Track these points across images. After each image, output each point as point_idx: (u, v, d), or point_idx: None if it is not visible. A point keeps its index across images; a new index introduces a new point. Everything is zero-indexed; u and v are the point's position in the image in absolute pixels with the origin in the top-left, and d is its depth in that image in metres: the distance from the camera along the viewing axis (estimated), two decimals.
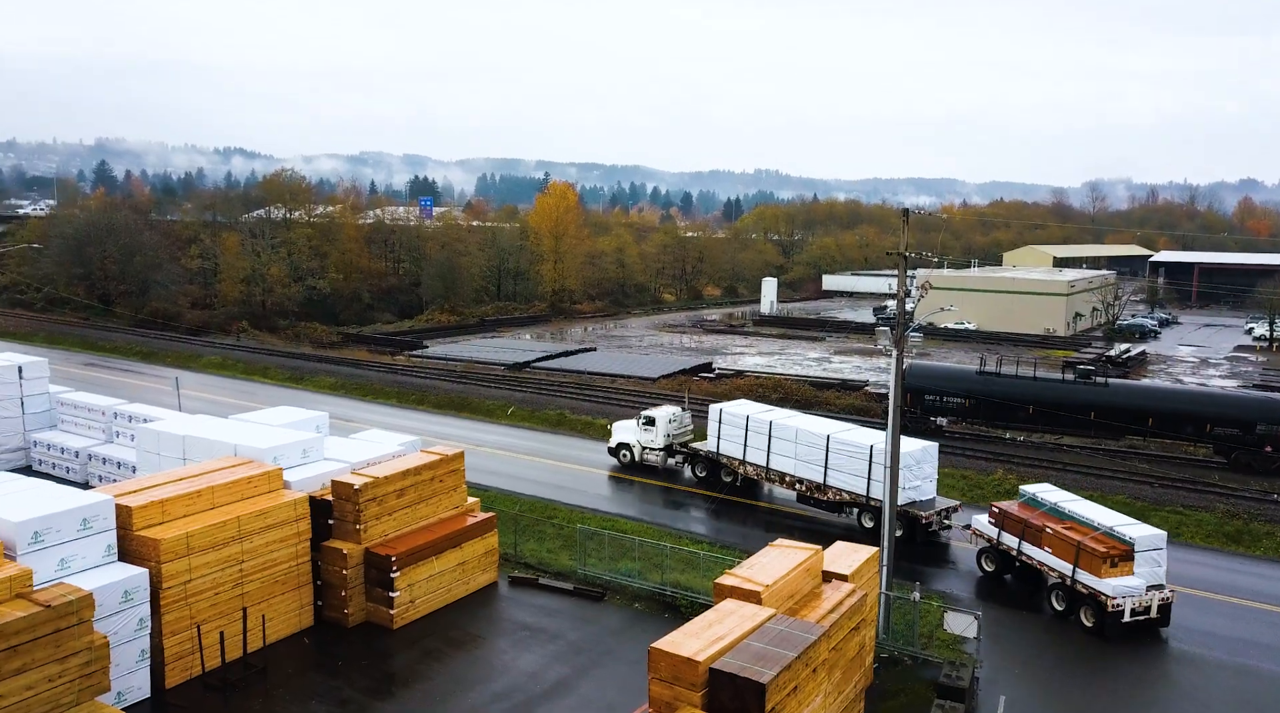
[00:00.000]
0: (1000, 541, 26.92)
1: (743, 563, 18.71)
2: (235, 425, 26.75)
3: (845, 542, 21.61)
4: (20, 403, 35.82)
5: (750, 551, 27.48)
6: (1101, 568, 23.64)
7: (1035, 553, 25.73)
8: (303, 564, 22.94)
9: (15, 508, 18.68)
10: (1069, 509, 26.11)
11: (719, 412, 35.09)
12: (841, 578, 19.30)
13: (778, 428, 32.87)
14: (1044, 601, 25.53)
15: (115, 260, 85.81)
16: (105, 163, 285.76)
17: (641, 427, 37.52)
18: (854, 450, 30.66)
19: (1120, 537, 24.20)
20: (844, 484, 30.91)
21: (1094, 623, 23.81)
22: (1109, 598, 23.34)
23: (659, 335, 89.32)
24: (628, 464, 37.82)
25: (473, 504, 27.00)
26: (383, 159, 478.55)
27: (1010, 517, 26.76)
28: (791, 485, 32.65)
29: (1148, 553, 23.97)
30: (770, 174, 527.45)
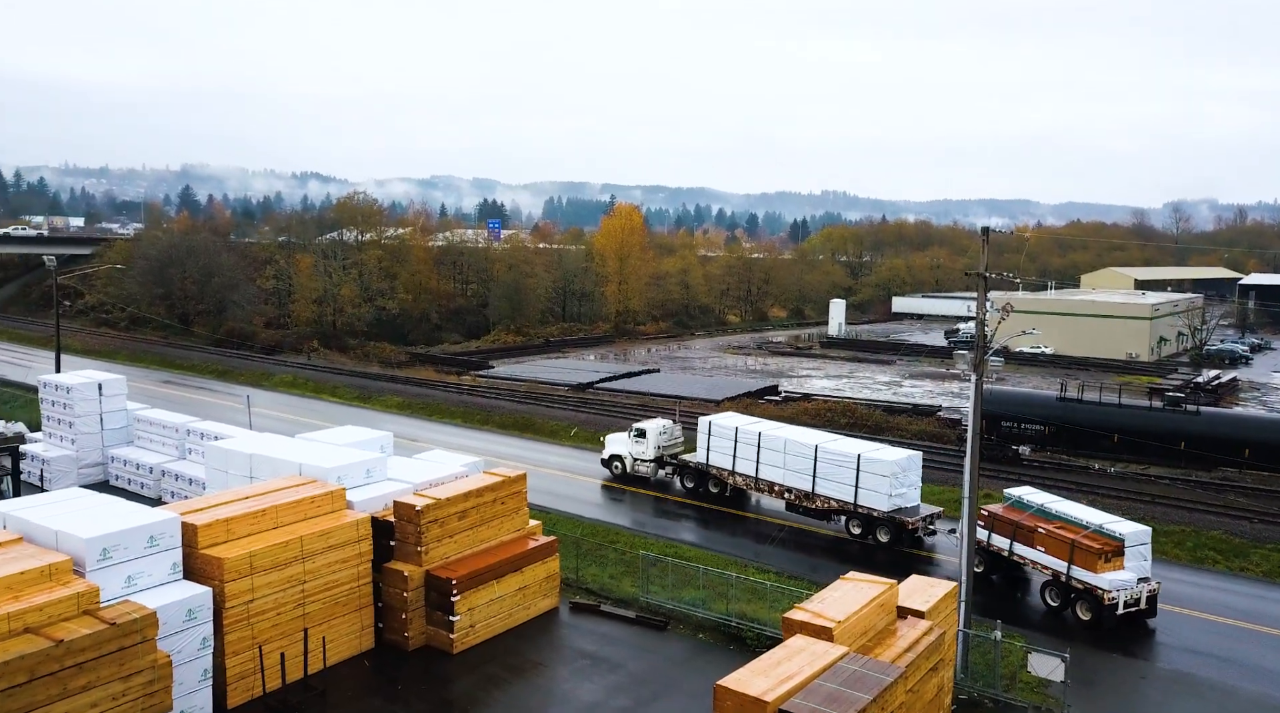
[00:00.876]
0: (990, 542, 27.72)
1: (813, 597, 17.87)
2: (301, 445, 26.87)
3: (920, 576, 20.56)
4: (99, 419, 36.75)
5: (817, 583, 26.57)
6: (1097, 564, 24.82)
7: (1028, 553, 26.71)
8: (364, 586, 22.76)
9: (85, 525, 18.85)
10: (1055, 510, 27.12)
11: (708, 424, 35.93)
12: (917, 614, 18.30)
13: (766, 439, 33.83)
14: (1039, 596, 26.48)
15: (194, 281, 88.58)
16: (189, 187, 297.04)
17: (633, 439, 38.46)
18: (842, 460, 31.71)
19: (1110, 534, 25.52)
20: (833, 493, 31.86)
21: (1090, 616, 24.96)
22: (1105, 592, 24.51)
23: (723, 357, 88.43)
24: (619, 475, 38.83)
25: (534, 527, 26.60)
26: (453, 183, 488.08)
27: (1000, 519, 27.68)
28: (780, 495, 33.53)
29: (1136, 548, 25.43)
30: (838, 195, 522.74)
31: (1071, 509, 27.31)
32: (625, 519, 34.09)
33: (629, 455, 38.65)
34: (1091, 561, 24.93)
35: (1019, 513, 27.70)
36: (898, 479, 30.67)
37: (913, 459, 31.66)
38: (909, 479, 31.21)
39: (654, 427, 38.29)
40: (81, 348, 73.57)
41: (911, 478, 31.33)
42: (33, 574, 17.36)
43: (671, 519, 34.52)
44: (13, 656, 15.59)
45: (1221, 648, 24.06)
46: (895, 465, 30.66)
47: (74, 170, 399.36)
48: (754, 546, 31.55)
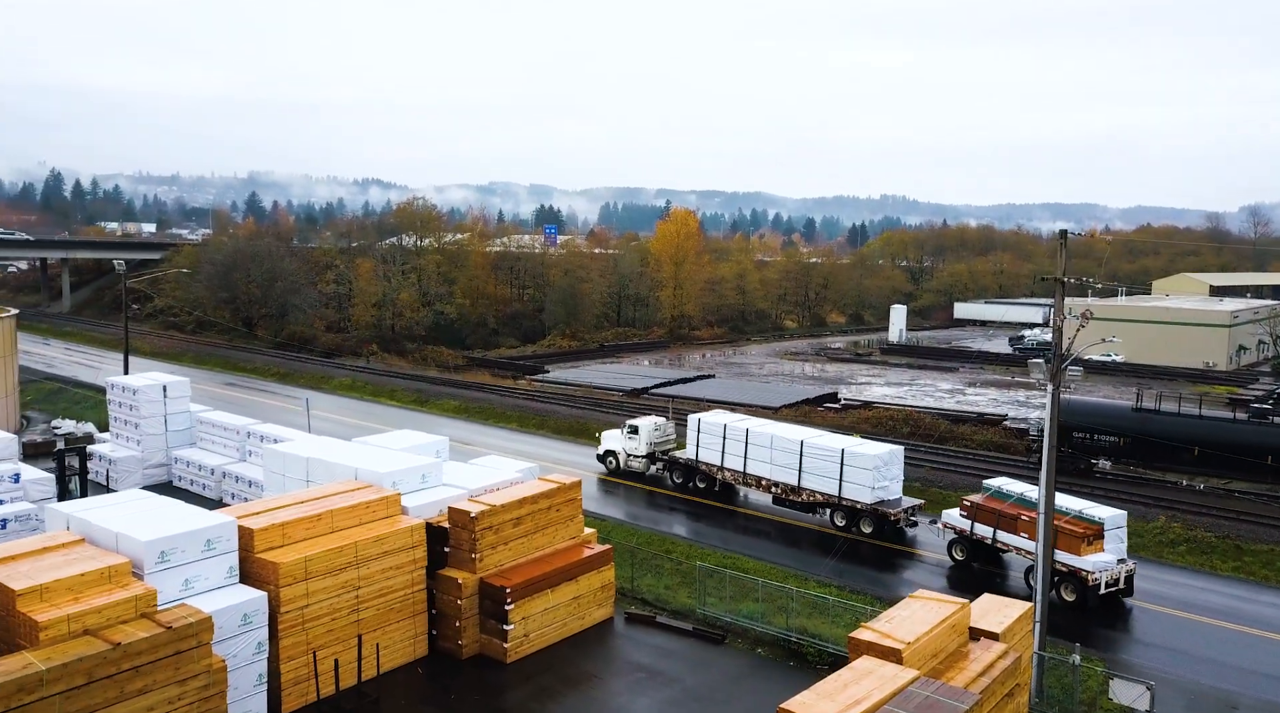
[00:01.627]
0: (973, 532, 28.96)
1: (880, 615, 17.05)
2: (357, 449, 26.82)
3: (992, 595, 19.56)
4: (164, 421, 37.33)
5: (881, 598, 25.64)
6: (1080, 547, 26.17)
7: (1011, 539, 27.88)
8: (418, 592, 22.53)
9: (144, 527, 18.90)
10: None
11: (697, 421, 37.26)
12: (991, 637, 17.36)
13: (754, 435, 35.14)
14: (1019, 582, 27.90)
15: (258, 285, 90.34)
16: (256, 194, 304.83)
17: (626, 435, 39.59)
18: (826, 454, 32.90)
19: (1090, 518, 26.86)
20: (817, 486, 33.10)
21: (1075, 597, 26.23)
22: (1089, 573, 25.84)
23: (780, 363, 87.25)
24: (613, 470, 39.96)
25: (589, 535, 26.15)
26: (510, 189, 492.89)
27: (982, 509, 28.81)
28: (767, 489, 34.74)
29: (1114, 531, 26.87)
30: (897, 199, 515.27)
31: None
32: (619, 513, 34.98)
33: (623, 451, 39.71)
34: (1075, 544, 26.25)
35: (1000, 503, 28.74)
36: (880, 472, 31.90)
37: (894, 453, 32.82)
38: (891, 473, 32.39)
39: (647, 424, 39.38)
40: (150, 350, 75.43)
41: (893, 471, 32.52)
42: (93, 576, 17.41)
43: (663, 512, 35.44)
44: (72, 658, 15.59)
45: None
46: (878, 459, 31.94)
47: (147, 178, 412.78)
48: (742, 538, 32.57)
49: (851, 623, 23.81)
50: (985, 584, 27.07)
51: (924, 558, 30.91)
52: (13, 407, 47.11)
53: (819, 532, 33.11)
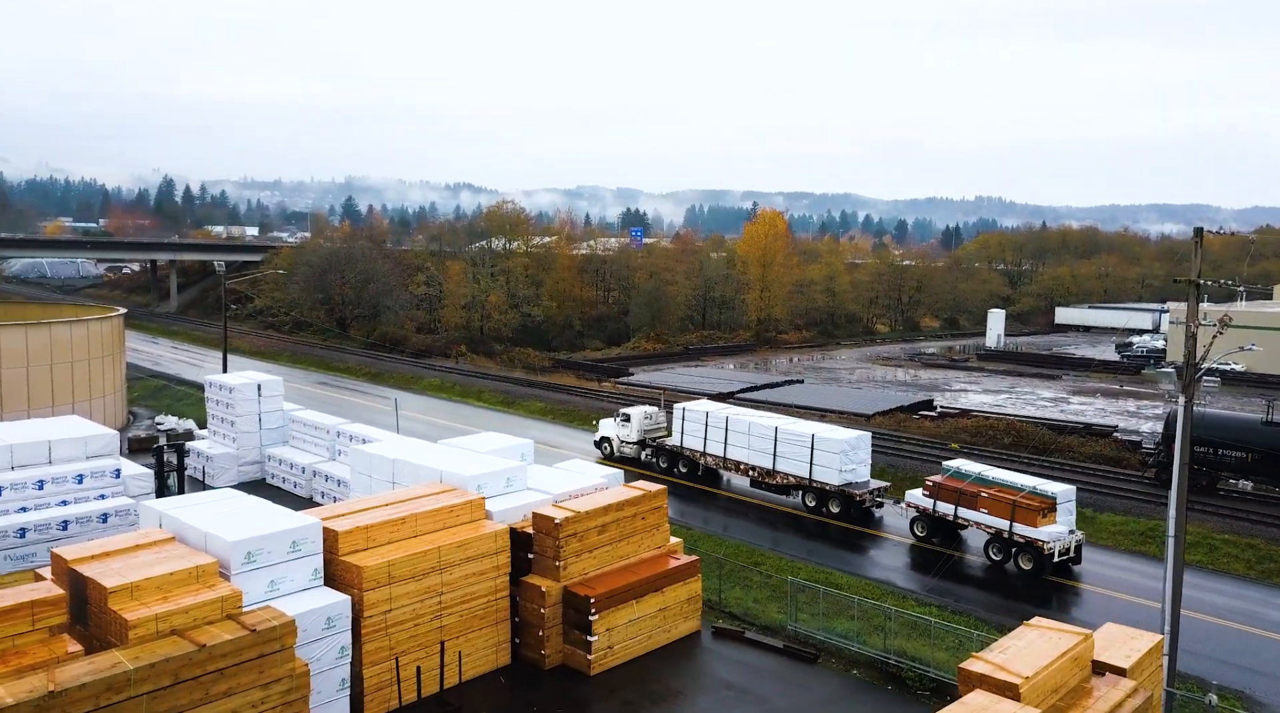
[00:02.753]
0: (935, 509, 30.86)
1: (993, 645, 15.70)
2: (443, 451, 26.58)
3: (1117, 624, 17.93)
4: (258, 419, 38.04)
5: (986, 621, 24.07)
6: (1036, 519, 28.35)
7: (972, 515, 29.83)
8: (501, 599, 22.06)
9: (232, 527, 18.87)
10: (991, 477, 30.48)
11: (682, 410, 39.37)
12: (1118, 672, 15.83)
13: (733, 422, 37.19)
14: (980, 554, 29.95)
15: (352, 287, 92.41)
16: (352, 198, 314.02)
17: (620, 423, 41.70)
18: (798, 440, 34.85)
19: (1044, 493, 28.96)
20: (790, 469, 35.05)
21: (1031, 566, 28.50)
22: (1045, 543, 28.00)
23: (871, 368, 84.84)
24: (607, 455, 42.02)
25: (675, 545, 25.32)
26: (597, 193, 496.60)
27: (944, 488, 30.76)
28: (745, 472, 36.75)
29: (1065, 504, 29.03)
30: (992, 201, 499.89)
31: (1004, 475, 30.72)
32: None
33: (616, 438, 41.75)
34: (1031, 517, 28.45)
35: (960, 482, 30.72)
36: (847, 456, 33.87)
37: (862, 439, 34.88)
38: (858, 456, 34.33)
39: (638, 413, 41.61)
40: (249, 349, 77.84)
41: (861, 455, 34.46)
42: (181, 575, 17.40)
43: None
44: (159, 658, 15.53)
45: None
46: (845, 444, 33.93)
47: (251, 184, 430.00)
48: (724, 519, 34.39)
49: (954, 646, 22.43)
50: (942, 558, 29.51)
51: (890, 539, 32.59)
52: (120, 403, 48.90)
53: (793, 514, 34.99)
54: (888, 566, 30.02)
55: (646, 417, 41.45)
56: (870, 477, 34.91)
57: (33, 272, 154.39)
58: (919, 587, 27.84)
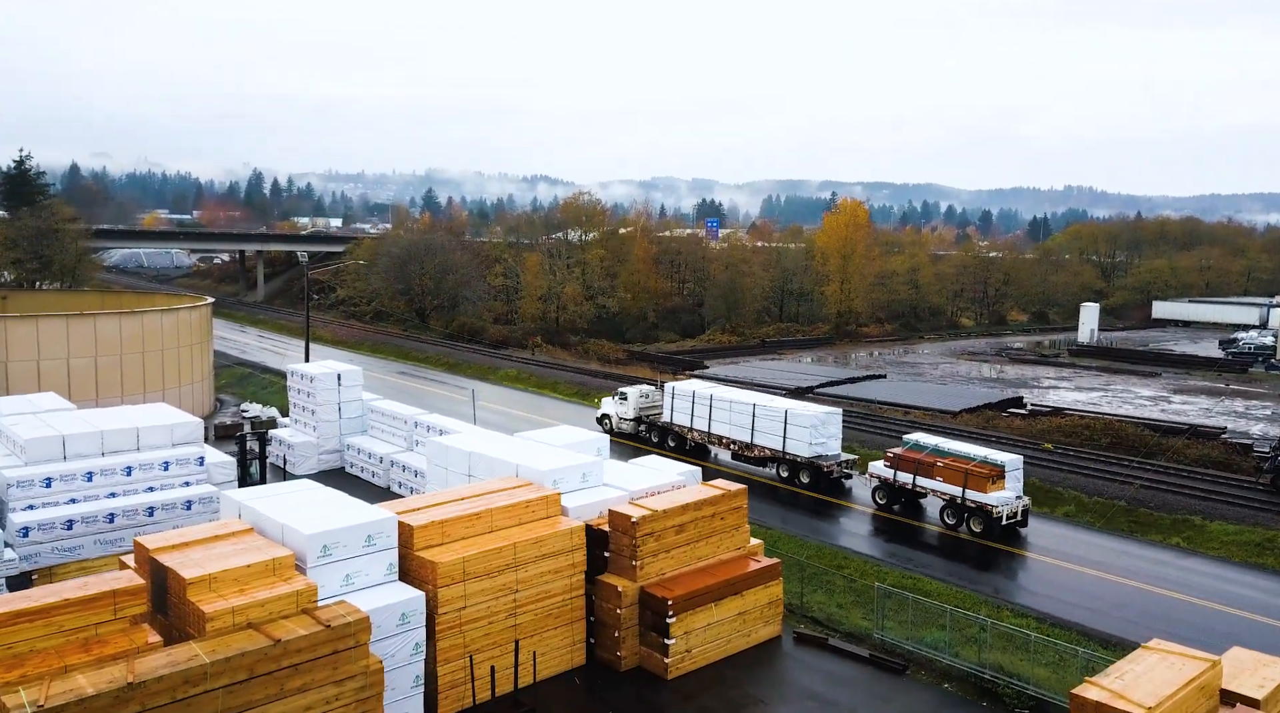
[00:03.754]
0: (896, 479, 32.99)
1: (1109, 669, 14.46)
2: (518, 444, 26.19)
3: (1244, 649, 16.43)
4: (338, 408, 38.40)
5: (1088, 634, 22.60)
6: (986, 486, 30.40)
7: (929, 483, 31.99)
8: (576, 598, 21.53)
9: (308, 520, 18.72)
10: (947, 448, 32.58)
11: (672, 389, 42.02)
12: (1250, 703, 14.43)
13: (717, 400, 39.75)
14: (936, 519, 32.10)
15: (431, 278, 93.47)
16: (432, 190, 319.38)
17: (618, 401, 44.40)
18: (773, 415, 37.28)
19: (994, 462, 30.96)
20: (766, 443, 37.52)
21: (981, 529, 30.55)
22: (994, 507, 30.06)
23: (955, 363, 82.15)
24: (608, 430, 44.10)
25: (755, 546, 24.44)
26: (672, 184, 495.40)
27: (903, 459, 32.87)
28: (728, 446, 39.27)
29: (1013, 472, 31.08)
30: (1083, 191, 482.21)
31: (958, 446, 32.83)
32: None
33: (615, 415, 44.47)
34: (982, 484, 30.50)
35: (918, 453, 32.87)
36: (817, 430, 36.03)
37: (831, 415, 37.06)
38: (828, 431, 36.45)
39: (634, 392, 44.33)
40: (331, 338, 79.38)
41: (831, 430, 36.57)
42: (258, 568, 17.28)
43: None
44: (234, 652, 15.37)
45: None
46: (815, 419, 36.13)
47: (335, 176, 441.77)
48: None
49: (1054, 662, 21.10)
50: (905, 528, 32.19)
51: (856, 509, 34.57)
52: (208, 390, 50.14)
53: (769, 484, 37.13)
54: (853, 532, 31.92)
55: (642, 396, 44.27)
56: (841, 451, 37.19)
57: (131, 262, 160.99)
58: (881, 553, 29.73)
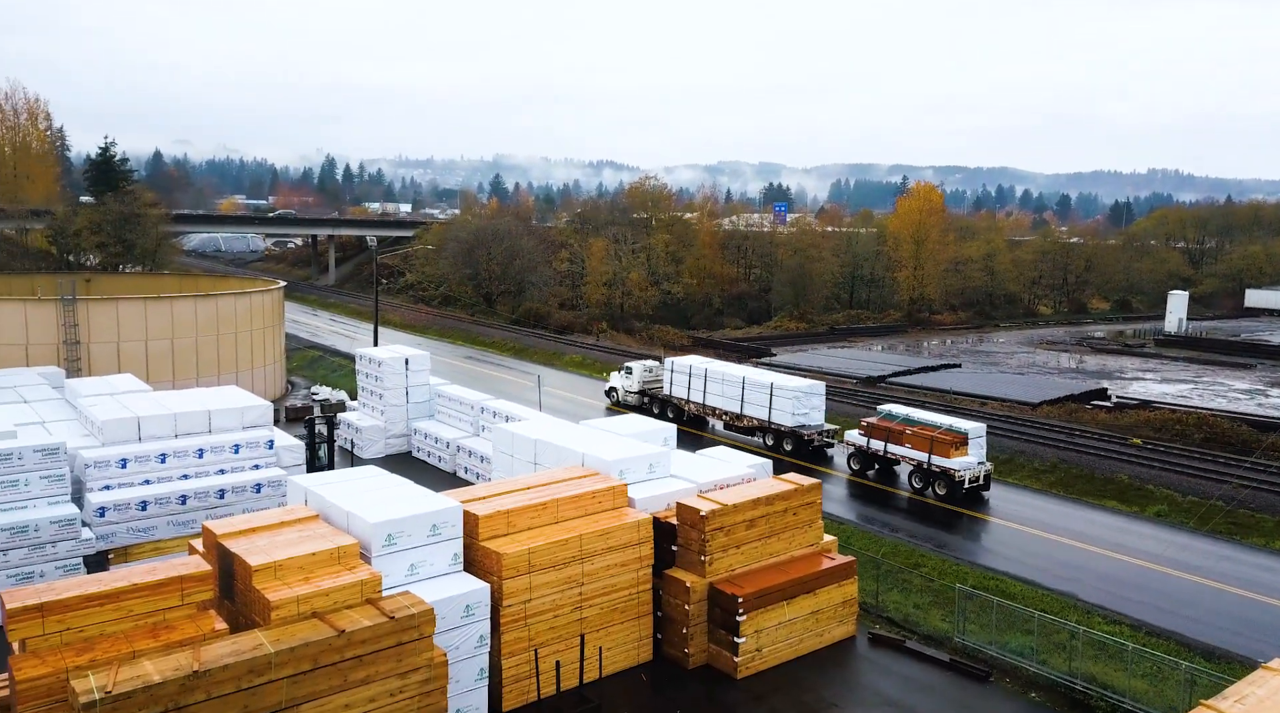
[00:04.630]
0: (869, 446, 35.37)
1: (1227, 692, 13.26)
2: (585, 432, 25.67)
3: None
4: (405, 393, 38.44)
5: (1190, 645, 21.18)
6: (950, 452, 32.48)
7: (898, 450, 34.21)
8: (643, 592, 20.93)
9: (374, 507, 18.44)
10: (916, 417, 35.03)
11: (671, 363, 45.00)
12: None
13: (711, 374, 42.33)
14: (906, 483, 34.45)
15: (498, 263, 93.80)
16: (499, 176, 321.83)
17: (624, 375, 47.48)
18: (760, 387, 39.72)
19: (958, 430, 33.05)
20: (754, 413, 39.97)
21: (945, 492, 32.50)
22: (957, 472, 32.02)
23: (1033, 353, 79.37)
24: (615, 402, 47.83)
25: (829, 543, 23.51)
26: (738, 168, 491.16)
27: (876, 428, 35.33)
28: (720, 416, 41.85)
29: (976, 440, 33.00)
30: (1167, 174, 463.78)
31: (927, 416, 35.21)
32: None
33: (621, 387, 47.54)
34: (946, 450, 32.66)
35: (890, 422, 35.26)
36: (800, 401, 38.34)
37: (815, 386, 39.38)
38: (812, 402, 38.73)
39: (639, 366, 47.17)
40: (399, 322, 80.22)
41: (814, 401, 38.87)
42: (323, 556, 17.05)
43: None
44: (298, 642, 15.13)
45: None
46: (798, 391, 38.49)
47: (405, 162, 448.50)
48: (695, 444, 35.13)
49: (1152, 673, 19.81)
50: (879, 492, 34.00)
51: (835, 475, 36.59)
52: (280, 373, 50.88)
53: (756, 452, 35.43)
54: (830, 496, 32.67)
55: (646, 370, 47.11)
56: (825, 422, 39.38)
57: (209, 246, 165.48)
58: (855, 516, 31.41)
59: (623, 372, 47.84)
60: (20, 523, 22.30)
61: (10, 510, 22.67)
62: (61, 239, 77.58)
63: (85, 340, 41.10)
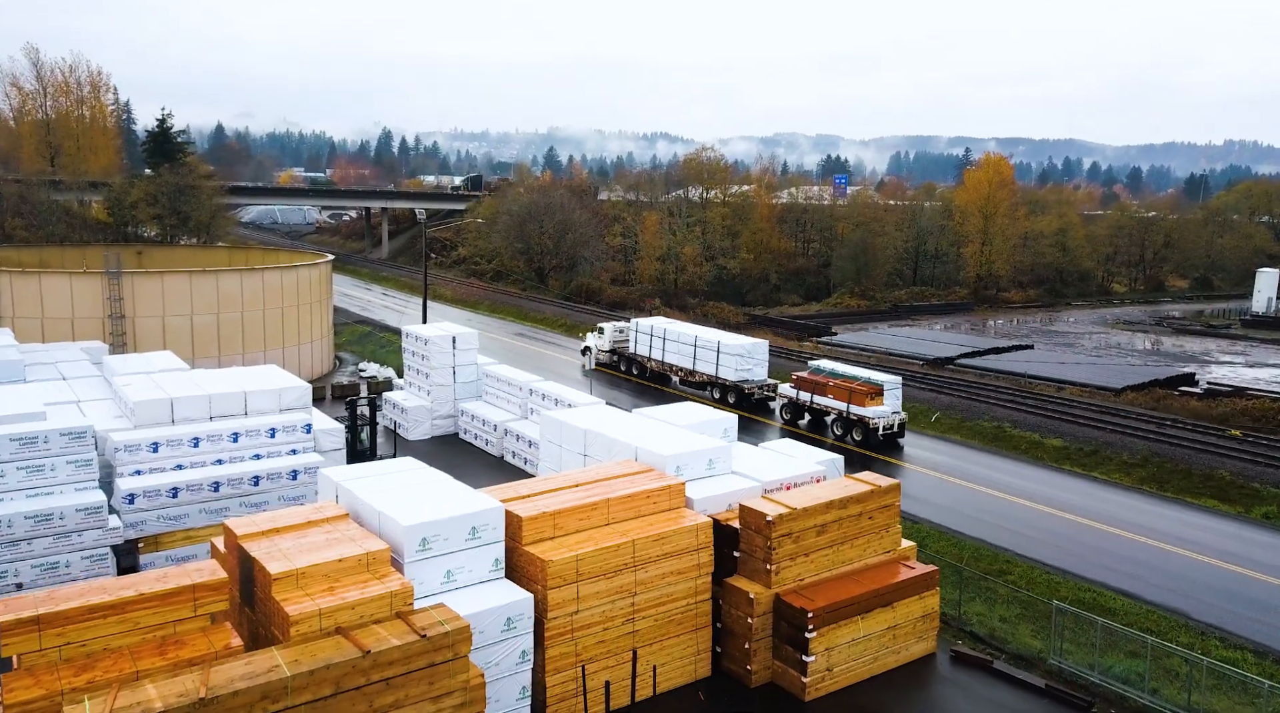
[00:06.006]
0: (799, 398, 38.57)
1: None
2: (638, 422, 23.72)
3: None
4: (452, 372, 36.93)
5: None
6: (866, 401, 35.76)
7: (823, 401, 37.30)
8: (702, 603, 19.03)
9: (407, 507, 16.77)
10: (841, 371, 38.58)
11: (635, 325, 48.61)
12: None
13: (669, 334, 45.91)
14: (829, 430, 37.55)
15: (550, 237, 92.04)
16: (553, 149, 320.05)
17: (597, 336, 50.73)
18: (709, 346, 43.26)
19: (875, 382, 36.53)
20: (704, 369, 43.52)
21: (861, 437, 35.76)
22: (870, 419, 35.42)
23: (1109, 333, 75.36)
24: (590, 361, 50.75)
25: (908, 550, 21.32)
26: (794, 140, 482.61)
27: (805, 381, 38.50)
28: (676, 373, 45.68)
29: (892, 391, 36.45)
30: (1245, 146, 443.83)
31: (851, 371, 38.74)
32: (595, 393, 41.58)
33: (595, 347, 50.56)
34: (862, 400, 35.77)
35: (818, 376, 38.70)
36: (743, 359, 41.83)
37: (757, 345, 42.87)
38: (754, 359, 42.18)
39: (610, 327, 50.71)
40: (451, 297, 79.09)
41: (757, 358, 42.30)
42: (351, 563, 15.43)
43: (611, 388, 45.57)
44: (319, 664, 13.51)
45: None
46: (742, 348, 42.08)
47: (460, 135, 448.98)
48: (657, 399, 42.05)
49: None
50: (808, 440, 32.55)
51: (771, 425, 39.76)
52: (327, 349, 49.88)
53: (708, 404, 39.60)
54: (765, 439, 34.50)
55: (617, 331, 50.52)
56: (767, 377, 42.69)
57: (266, 218, 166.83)
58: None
59: (597, 332, 51.15)
60: (45, 510, 21.12)
61: (36, 497, 21.54)
62: (118, 211, 77.78)
63: (131, 315, 40.34)
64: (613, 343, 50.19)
